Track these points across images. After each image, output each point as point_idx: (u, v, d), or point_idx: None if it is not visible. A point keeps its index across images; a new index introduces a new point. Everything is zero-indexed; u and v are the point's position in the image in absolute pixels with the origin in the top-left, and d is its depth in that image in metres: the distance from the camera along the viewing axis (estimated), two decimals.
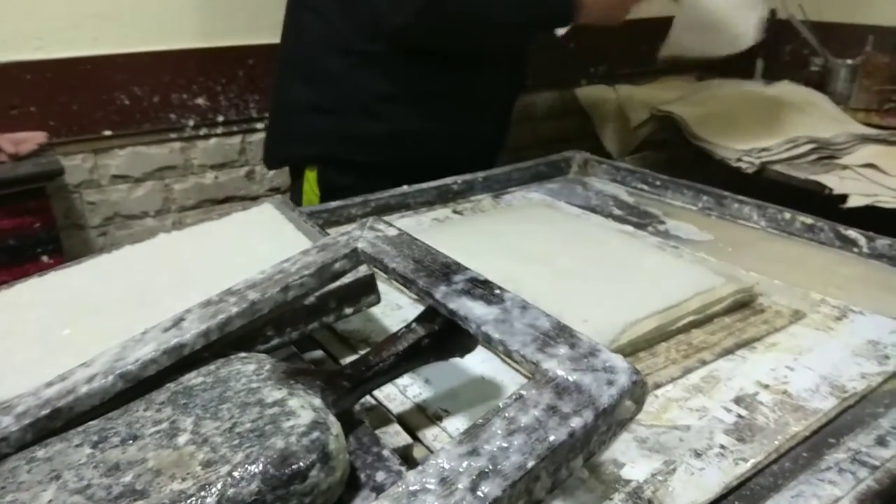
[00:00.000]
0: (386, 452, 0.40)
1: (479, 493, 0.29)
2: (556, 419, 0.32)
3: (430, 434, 0.47)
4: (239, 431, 0.36)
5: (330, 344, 0.58)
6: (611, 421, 0.33)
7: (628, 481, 0.43)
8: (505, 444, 0.31)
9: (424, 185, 0.96)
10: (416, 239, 0.48)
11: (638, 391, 0.33)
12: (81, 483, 0.34)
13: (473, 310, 0.39)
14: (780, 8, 1.80)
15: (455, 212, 0.94)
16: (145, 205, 1.41)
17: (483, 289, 0.41)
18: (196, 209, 1.45)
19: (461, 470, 0.30)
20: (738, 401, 0.51)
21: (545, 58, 1.88)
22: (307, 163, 1.09)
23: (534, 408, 0.32)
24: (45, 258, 1.16)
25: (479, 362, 0.54)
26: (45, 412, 0.38)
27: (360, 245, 0.48)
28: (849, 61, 1.74)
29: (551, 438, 0.31)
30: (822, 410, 0.50)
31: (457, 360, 0.49)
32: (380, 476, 0.38)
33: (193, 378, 0.41)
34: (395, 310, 0.64)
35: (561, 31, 1.12)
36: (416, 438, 0.46)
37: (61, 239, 1.22)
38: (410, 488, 0.30)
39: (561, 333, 0.37)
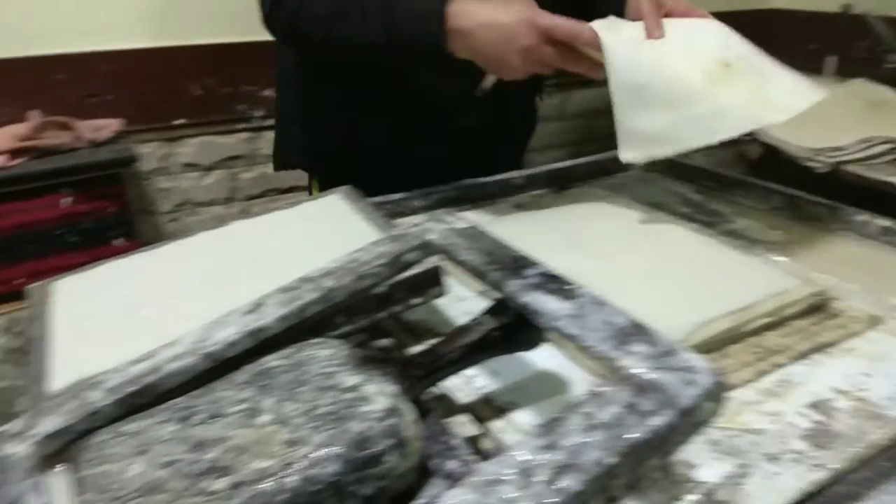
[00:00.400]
0: (456, 442, 0.41)
1: (558, 486, 0.29)
2: (635, 417, 0.31)
3: (497, 426, 0.47)
4: (318, 414, 0.37)
5: (397, 333, 0.58)
6: (690, 422, 0.32)
7: (701, 483, 0.42)
8: (584, 440, 0.31)
9: (485, 180, 0.96)
10: (487, 232, 0.48)
11: (718, 393, 0.33)
12: (167, 458, 0.36)
13: (546, 304, 0.39)
14: (855, 2, 1.73)
15: (516, 206, 0.93)
16: (214, 192, 1.45)
17: (555, 283, 0.41)
18: (261, 198, 1.49)
19: (539, 462, 0.30)
20: (813, 406, 0.50)
21: None
22: (303, 168, 1.05)
23: (612, 405, 0.32)
24: (118, 241, 1.21)
25: (545, 357, 0.54)
26: (133, 388, 0.40)
27: (430, 237, 0.48)
28: None
29: (631, 436, 0.31)
30: None
31: (522, 353, 0.50)
32: (451, 465, 0.39)
33: (272, 360, 0.42)
34: (458, 301, 0.65)
35: (487, 82, 0.90)
36: (483, 429, 0.47)
37: (134, 224, 1.26)
38: (488, 478, 0.30)
39: (638, 331, 0.36)
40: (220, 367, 0.42)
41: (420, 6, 0.73)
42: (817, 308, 0.63)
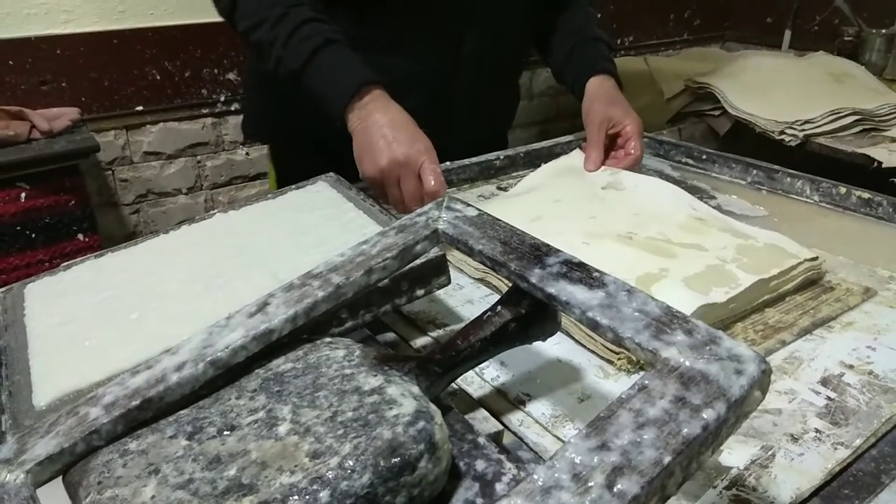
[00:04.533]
0: (482, 440, 0.39)
1: (617, 489, 0.28)
2: (686, 411, 0.30)
3: (515, 419, 0.46)
4: (341, 420, 0.35)
5: (397, 326, 0.56)
6: (739, 412, 0.31)
7: (729, 468, 0.41)
8: (636, 438, 0.29)
9: (466, 162, 0.94)
10: (499, 219, 0.46)
11: (766, 380, 0.32)
12: (183, 477, 0.33)
13: (575, 294, 0.38)
14: None
15: (499, 188, 0.92)
16: (178, 182, 1.39)
17: (580, 272, 0.40)
18: (228, 186, 1.44)
19: (593, 465, 0.29)
20: (824, 382, 0.50)
21: None
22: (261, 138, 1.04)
23: (661, 399, 0.31)
24: (80, 236, 1.15)
25: (552, 344, 0.53)
26: (134, 403, 0.37)
27: (440, 226, 0.46)
28: (883, 31, 1.70)
29: (684, 432, 0.29)
30: None
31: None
32: (480, 465, 0.37)
33: (282, 364, 0.39)
34: (457, 290, 0.63)
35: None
36: (501, 423, 0.45)
37: (96, 217, 1.20)
38: (542, 484, 0.28)
39: (674, 319, 0.35)
40: (227, 373, 0.39)
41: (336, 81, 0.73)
42: (812, 282, 0.63)
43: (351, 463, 0.32)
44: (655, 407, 0.31)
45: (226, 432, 0.35)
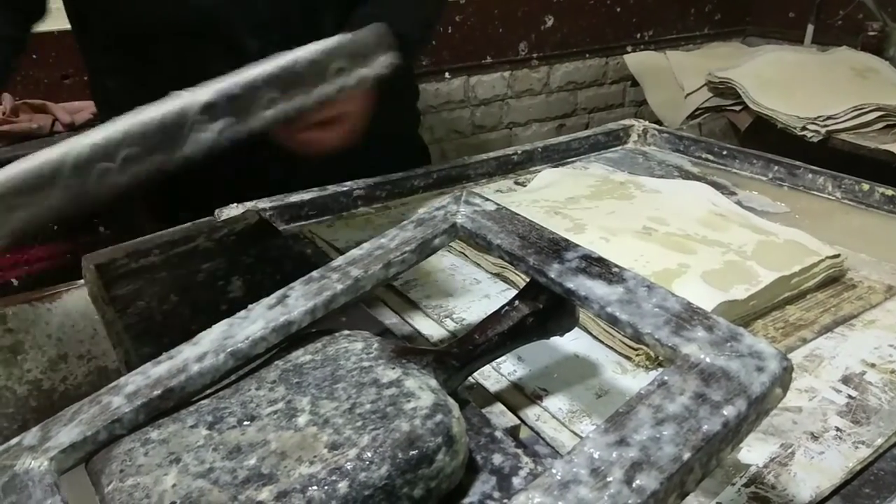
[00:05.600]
0: (499, 434, 0.39)
1: (635, 485, 0.28)
2: (706, 408, 0.30)
3: (532, 414, 0.46)
4: (360, 412, 0.35)
5: (415, 320, 0.56)
6: (760, 409, 0.31)
7: (748, 466, 0.41)
8: (656, 434, 0.29)
9: (484, 156, 0.94)
10: (517, 214, 0.46)
11: (787, 378, 0.32)
12: (203, 466, 0.34)
13: (594, 290, 0.38)
14: None
15: (517, 183, 0.91)
16: None
17: (600, 266, 0.39)
18: None
19: (612, 460, 0.29)
20: (845, 380, 0.49)
21: (588, 24, 1.83)
22: None
23: (680, 395, 0.31)
24: (102, 228, 1.17)
25: (569, 339, 0.52)
26: (156, 392, 0.37)
27: (458, 220, 0.46)
28: None
29: (704, 428, 0.29)
30: None
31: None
32: (497, 459, 0.37)
33: (301, 356, 0.40)
34: (475, 284, 0.63)
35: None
36: (518, 418, 0.45)
37: (115, 209, 1.21)
38: (561, 478, 0.28)
39: (695, 315, 0.35)
40: (246, 365, 0.40)
41: None
42: (833, 280, 0.63)
43: (369, 454, 0.32)
44: (675, 403, 0.30)
45: (246, 422, 0.36)
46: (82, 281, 0.63)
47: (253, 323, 0.40)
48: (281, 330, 0.40)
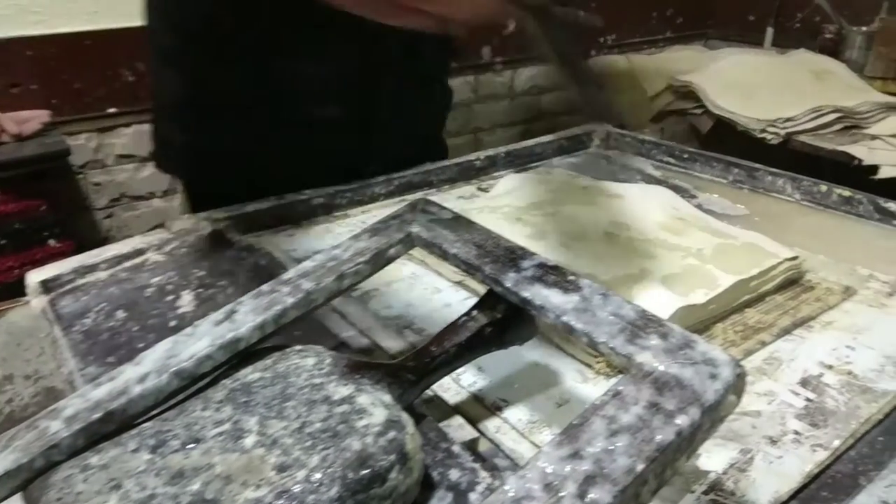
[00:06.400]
0: (456, 448, 0.38)
1: (588, 499, 0.27)
2: (660, 417, 0.29)
3: (491, 425, 0.45)
4: (309, 432, 0.34)
5: (374, 332, 0.55)
6: (714, 417, 0.30)
7: (706, 472, 0.41)
8: (609, 446, 0.29)
9: (447, 163, 0.93)
10: (474, 222, 0.45)
11: (741, 384, 0.31)
12: (144, 493, 0.32)
13: (550, 298, 0.37)
14: None
15: (480, 189, 0.91)
16: (152, 185, 1.37)
17: (556, 275, 0.39)
18: None
19: (565, 474, 0.28)
20: (804, 383, 0.50)
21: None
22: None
23: (634, 405, 0.30)
24: (52, 242, 1.13)
25: (530, 348, 0.52)
26: (96, 415, 0.35)
27: (414, 229, 0.45)
28: (864, 28, 1.71)
29: (658, 439, 0.29)
30: (892, 391, 0.48)
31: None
32: (454, 474, 0.36)
33: (250, 374, 0.38)
34: (436, 293, 0.62)
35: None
36: (477, 430, 0.44)
37: (68, 222, 1.18)
38: (514, 495, 0.27)
39: (649, 323, 0.34)
40: (192, 384, 0.38)
41: None
42: (792, 281, 0.63)
43: (318, 476, 0.31)
44: (629, 413, 0.30)
45: (190, 445, 0.34)
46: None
47: (198, 340, 0.38)
48: (228, 347, 0.38)
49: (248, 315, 0.40)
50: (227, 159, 0.82)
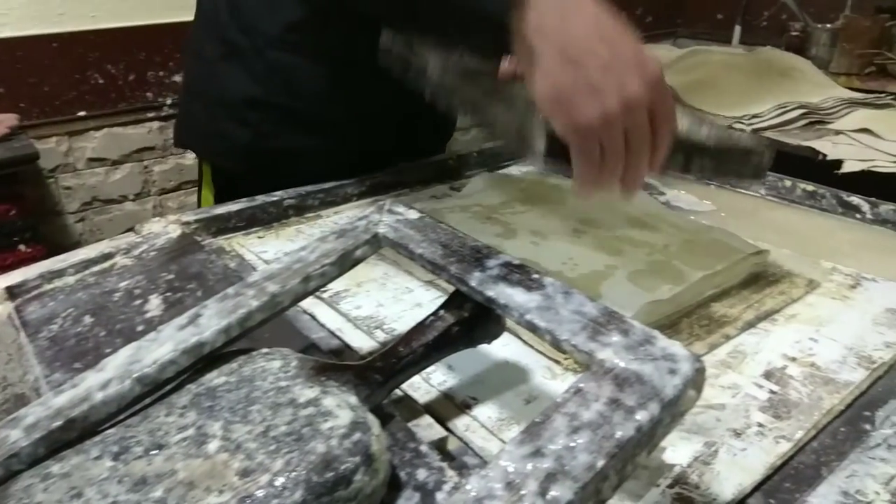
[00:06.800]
0: (424, 448, 0.38)
1: (550, 496, 0.27)
2: (620, 413, 0.30)
3: (461, 424, 0.45)
4: (274, 435, 0.34)
5: (344, 333, 0.55)
6: (674, 412, 0.31)
7: (672, 466, 0.41)
8: (570, 443, 0.29)
9: (419, 163, 0.93)
10: (441, 222, 0.45)
11: (700, 379, 0.32)
12: (106, 500, 0.32)
13: (514, 297, 0.37)
14: None
15: (452, 188, 0.91)
16: (124, 188, 1.36)
17: (520, 273, 0.39)
18: (177, 191, 1.40)
19: (527, 472, 0.28)
20: (768, 376, 0.50)
21: None
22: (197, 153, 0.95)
23: (595, 402, 0.30)
24: (22, 247, 1.11)
25: (500, 346, 0.52)
26: (57, 423, 0.35)
27: (380, 230, 0.45)
28: (828, 25, 1.74)
29: (618, 435, 0.29)
30: (854, 383, 0.49)
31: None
32: (421, 474, 0.36)
33: (215, 378, 0.38)
34: (406, 293, 0.62)
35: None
36: (446, 429, 0.44)
37: (39, 227, 1.16)
38: (476, 495, 0.28)
39: (611, 320, 0.35)
40: (156, 390, 0.38)
41: None
42: (757, 275, 0.64)
43: (282, 480, 0.31)
44: (590, 410, 0.30)
45: (153, 451, 0.34)
46: None
47: (161, 345, 0.38)
48: (192, 352, 0.38)
49: (212, 319, 0.39)
50: (285, 159, 0.85)
